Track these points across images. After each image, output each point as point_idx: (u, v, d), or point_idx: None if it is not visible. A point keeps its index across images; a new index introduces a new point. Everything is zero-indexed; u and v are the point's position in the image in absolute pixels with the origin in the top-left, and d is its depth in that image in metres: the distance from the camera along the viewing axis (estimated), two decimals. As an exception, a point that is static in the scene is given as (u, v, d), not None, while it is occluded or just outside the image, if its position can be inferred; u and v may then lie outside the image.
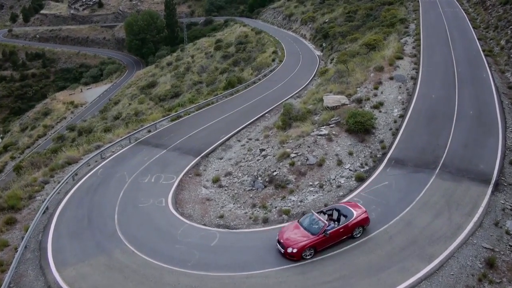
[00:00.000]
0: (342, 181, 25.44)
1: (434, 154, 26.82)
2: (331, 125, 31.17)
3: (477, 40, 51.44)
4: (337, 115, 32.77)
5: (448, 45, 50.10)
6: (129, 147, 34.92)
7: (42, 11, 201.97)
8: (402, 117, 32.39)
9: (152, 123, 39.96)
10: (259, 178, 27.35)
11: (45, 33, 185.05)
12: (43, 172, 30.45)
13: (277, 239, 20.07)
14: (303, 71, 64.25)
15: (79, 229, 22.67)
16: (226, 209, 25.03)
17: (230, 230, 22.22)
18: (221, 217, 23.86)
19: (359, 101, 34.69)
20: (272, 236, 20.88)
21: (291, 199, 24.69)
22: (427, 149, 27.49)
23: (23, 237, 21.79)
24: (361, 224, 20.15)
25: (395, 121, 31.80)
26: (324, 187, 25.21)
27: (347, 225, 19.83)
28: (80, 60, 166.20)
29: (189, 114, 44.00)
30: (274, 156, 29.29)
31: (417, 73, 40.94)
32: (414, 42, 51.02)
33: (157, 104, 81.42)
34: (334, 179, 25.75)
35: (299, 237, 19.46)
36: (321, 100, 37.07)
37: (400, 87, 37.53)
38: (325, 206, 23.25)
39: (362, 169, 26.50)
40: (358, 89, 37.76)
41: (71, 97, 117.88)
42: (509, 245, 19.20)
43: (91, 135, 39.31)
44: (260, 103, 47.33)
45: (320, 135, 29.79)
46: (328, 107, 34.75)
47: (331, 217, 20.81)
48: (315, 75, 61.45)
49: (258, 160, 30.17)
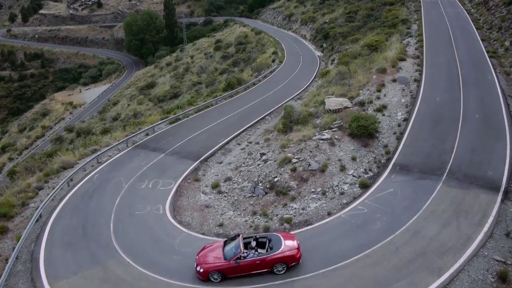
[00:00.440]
0: (345, 188, 24.62)
1: (440, 159, 25.99)
2: (334, 129, 30.35)
3: (480, 41, 50.63)
4: (339, 118, 31.96)
5: (451, 46, 49.30)
6: (126, 151, 34.09)
7: (41, 11, 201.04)
8: (406, 120, 31.56)
9: (150, 126, 39.13)
10: (260, 184, 26.53)
11: (44, 33, 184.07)
12: (37, 177, 29.59)
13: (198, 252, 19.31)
14: (303, 72, 63.45)
15: (73, 239, 21.83)
16: (225, 217, 24.22)
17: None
18: (221, 225, 23.04)
19: (362, 104, 33.88)
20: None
21: (292, 207, 23.87)
22: (432, 154, 26.66)
23: (14, 248, 20.95)
24: (284, 261, 18.05)
25: (399, 125, 30.97)
26: (327, 194, 24.39)
27: (265, 258, 18.11)
28: (79, 60, 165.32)
29: (188, 116, 43.17)
30: (275, 161, 28.47)
31: (421, 75, 40.13)
32: (416, 43, 50.23)
33: (156, 105, 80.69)
34: (337, 185, 24.94)
35: (212, 258, 18.56)
36: (323, 103, 36.25)
37: (403, 90, 36.72)
38: (329, 214, 22.47)
39: (366, 175, 25.68)
40: (360, 91, 36.93)
41: (69, 98, 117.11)
42: (522, 257, 18.42)
43: (87, 139, 38.42)
44: (260, 105, 46.52)
45: (322, 139, 28.97)
46: (330, 110, 33.93)
47: (259, 245, 18.95)
48: (315, 76, 60.67)
49: (258, 165, 29.36)
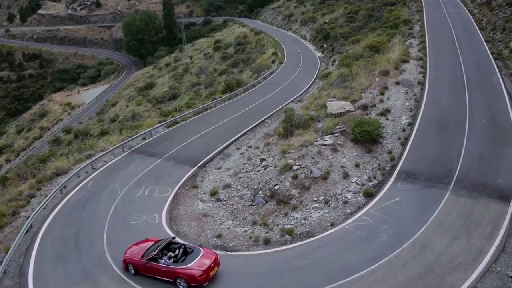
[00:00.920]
0: (349, 197, 23.66)
1: (447, 166, 25.02)
2: (336, 134, 29.38)
3: (484, 42, 49.68)
4: (341, 122, 30.98)
5: (454, 47, 48.35)
6: (122, 156, 33.12)
7: (39, 11, 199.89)
8: (410, 125, 30.59)
9: (147, 130, 38.16)
10: (260, 192, 25.57)
11: (43, 33, 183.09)
12: (29, 184, 28.55)
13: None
14: (303, 73, 62.56)
15: (65, 251, 20.82)
16: (224, 227, 23.26)
17: (228, 252, 20.38)
18: (219, 236, 22.05)
19: (365, 107, 32.91)
20: (275, 261, 19.12)
21: (294, 216, 22.91)
22: (439, 161, 25.69)
23: (2, 261, 19.96)
24: (185, 277, 17.37)
25: (404, 130, 30.02)
26: (329, 203, 23.44)
27: (170, 269, 17.83)
28: (77, 60, 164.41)
29: (186, 119, 42.22)
30: (275, 167, 27.50)
31: (424, 77, 39.17)
32: (419, 44, 49.27)
33: (154, 106, 79.93)
34: (340, 194, 23.98)
35: (137, 251, 19.12)
36: (324, 106, 35.29)
37: (407, 93, 35.76)
38: (332, 225, 21.51)
39: (370, 183, 24.71)
40: (363, 94, 35.97)
41: (68, 98, 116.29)
42: (536, 273, 17.44)
43: (82, 143, 37.41)
44: (260, 107, 45.60)
45: (324, 145, 28.00)
46: (332, 114, 32.97)
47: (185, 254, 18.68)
48: (316, 77, 59.80)
49: (258, 171, 28.40)
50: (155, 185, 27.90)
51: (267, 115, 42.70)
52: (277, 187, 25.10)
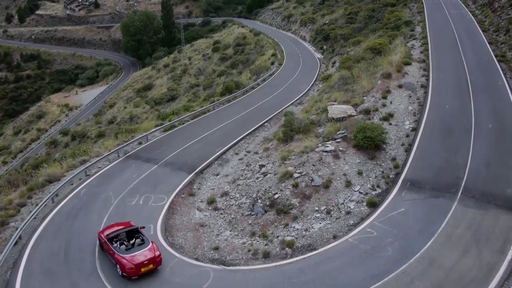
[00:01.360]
0: (351, 206, 22.70)
1: (453, 174, 24.06)
2: (338, 140, 28.42)
3: (487, 44, 48.77)
4: (343, 127, 30.02)
5: (457, 49, 47.45)
6: (117, 162, 32.12)
7: (37, 12, 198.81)
8: (414, 130, 29.64)
9: (143, 134, 37.18)
10: (259, 200, 24.61)
11: (41, 34, 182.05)
12: (20, 192, 27.50)
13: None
14: (303, 75, 61.65)
15: (54, 265, 19.79)
16: (222, 238, 22.30)
17: (226, 267, 19.41)
18: (216, 249, 21.10)
19: (367, 112, 31.96)
20: (274, 277, 18.15)
21: (294, 227, 21.96)
22: (445, 169, 24.73)
23: (-12, 277, 19.03)
24: (120, 267, 18.71)
25: (408, 135, 29.07)
26: (331, 213, 22.47)
27: (114, 253, 19.15)
28: (76, 61, 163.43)
29: (183, 123, 41.24)
30: (275, 174, 26.54)
31: (427, 80, 38.25)
32: (421, 46, 48.35)
33: (152, 107, 79.07)
34: (342, 203, 23.02)
35: (110, 230, 20.82)
36: (325, 110, 34.34)
37: (410, 96, 34.84)
38: (334, 237, 20.55)
39: (373, 192, 23.74)
40: (364, 98, 35.04)
41: (66, 100, 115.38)
42: (551, 291, 16.51)
43: (76, 148, 36.43)
44: (259, 110, 44.65)
45: (325, 151, 27.04)
46: (333, 119, 32.01)
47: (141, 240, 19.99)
48: (316, 79, 58.89)
49: (257, 178, 27.44)
50: (151, 193, 26.93)
51: (267, 119, 41.77)
52: (277, 196, 24.14)
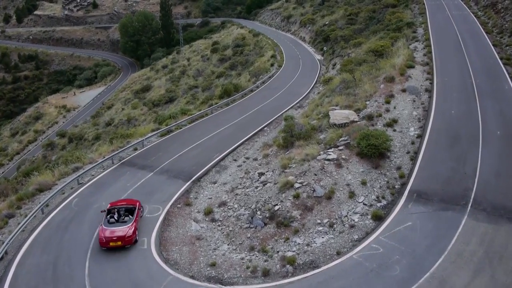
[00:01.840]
0: (355, 219, 21.59)
1: (462, 185, 22.96)
2: (340, 148, 27.31)
3: (492, 46, 47.70)
4: (345, 134, 28.92)
5: (461, 51, 46.38)
6: (111, 169, 30.98)
7: (35, 12, 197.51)
8: (420, 137, 28.51)
9: (139, 140, 36.05)
10: (258, 212, 23.50)
11: (39, 34, 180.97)
12: (8, 203, 26.27)
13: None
14: (303, 77, 60.63)
15: (41, 283, 18.64)
16: (219, 253, 21.19)
17: (223, 286, 18.31)
18: (213, 265, 19.98)
19: (370, 117, 30.85)
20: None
21: (296, 242, 20.85)
22: (453, 179, 23.63)
23: (-30, 297, 17.92)
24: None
25: (413, 143, 27.94)
26: (335, 226, 21.36)
27: (101, 224, 21.83)
28: (74, 62, 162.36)
29: (180, 128, 40.12)
30: (275, 184, 25.43)
31: (432, 84, 37.17)
32: (424, 48, 47.27)
33: (150, 109, 78.21)
34: (346, 216, 21.91)
35: (118, 203, 23.53)
36: (327, 115, 33.23)
37: (414, 101, 33.76)
38: (338, 254, 19.45)
39: (378, 204, 22.63)
40: (367, 102, 33.95)
41: (63, 101, 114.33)
42: None
43: (69, 154, 35.27)
44: (258, 114, 43.59)
45: (328, 159, 25.93)
46: (335, 125, 30.90)
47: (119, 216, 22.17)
48: (316, 81, 57.86)
49: (256, 187, 26.33)
50: (145, 202, 25.71)
51: (266, 123, 40.74)
52: (277, 208, 23.03)
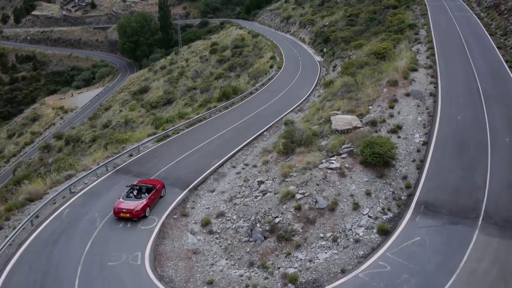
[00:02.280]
0: (360, 233, 20.51)
1: (472, 197, 21.90)
2: (343, 155, 26.23)
3: (496, 49, 46.65)
4: (348, 141, 27.83)
5: (465, 54, 45.33)
6: (105, 176, 29.84)
7: (33, 12, 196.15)
8: (425, 144, 27.43)
9: (135, 146, 34.90)
10: (258, 224, 22.42)
11: (36, 35, 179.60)
12: (-3, 213, 25.29)
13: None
14: (303, 79, 59.59)
15: (27, 304, 17.65)
16: (216, 269, 20.10)
17: (220, 307, 17.27)
18: (210, 283, 18.89)
19: (373, 123, 29.77)
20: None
21: (297, 257, 19.77)
22: (462, 190, 22.56)
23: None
24: None
25: (418, 150, 26.85)
26: (338, 240, 20.27)
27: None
28: (72, 62, 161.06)
29: (178, 132, 39.02)
30: (275, 194, 24.35)
31: (436, 88, 36.13)
32: (427, 50, 46.23)
33: (148, 111, 77.22)
34: (350, 229, 20.82)
35: (144, 182, 27.16)
36: (328, 120, 32.12)
37: (418, 106, 32.71)
38: (343, 272, 18.37)
39: (384, 217, 21.54)
40: (370, 107, 32.89)
41: (61, 102, 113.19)
42: None
43: (62, 161, 34.14)
44: (257, 118, 42.51)
45: (330, 168, 24.83)
46: (337, 131, 29.82)
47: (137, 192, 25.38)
48: (316, 84, 56.83)
49: (256, 197, 25.24)
50: (140, 213, 24.68)
51: (266, 127, 39.68)
52: (277, 220, 21.94)
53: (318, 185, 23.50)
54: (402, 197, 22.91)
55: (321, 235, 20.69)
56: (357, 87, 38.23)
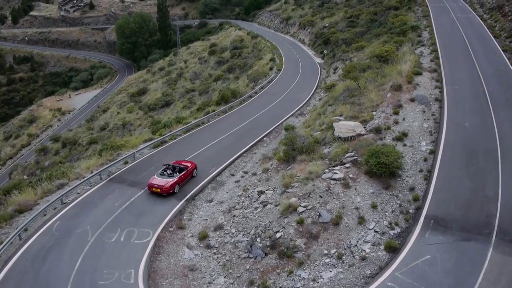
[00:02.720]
0: (367, 250, 19.36)
1: (483, 211, 20.75)
2: (347, 165, 25.09)
3: (501, 51, 45.53)
4: (352, 149, 26.70)
5: (470, 57, 44.21)
6: (99, 186, 28.62)
7: (31, 13, 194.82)
8: (433, 153, 26.28)
9: (130, 152, 33.73)
10: (258, 239, 21.28)
11: (34, 36, 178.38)
12: (-16, 226, 24.11)
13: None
14: (304, 81, 58.51)
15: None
16: (214, 288, 18.99)
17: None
18: (207, 304, 17.80)
19: (378, 130, 28.63)
20: None
21: (300, 276, 18.62)
22: (473, 203, 21.42)
23: None
24: None
25: (425, 159, 25.70)
26: (343, 258, 19.13)
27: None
28: (69, 63, 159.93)
29: (175, 138, 37.85)
30: (276, 206, 23.23)
31: (441, 93, 34.99)
32: (431, 53, 45.09)
33: (146, 114, 76.30)
34: (356, 245, 19.67)
35: (180, 163, 30.04)
36: (331, 127, 30.98)
37: (424, 112, 31.58)
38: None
39: (392, 232, 20.37)
40: (374, 113, 31.76)
41: (58, 104, 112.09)
42: None
43: (54, 170, 32.94)
44: (257, 123, 41.38)
45: (334, 179, 23.69)
46: (340, 138, 28.67)
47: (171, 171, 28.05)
48: (317, 86, 55.75)
49: (256, 208, 24.12)
50: (134, 226, 23.56)
51: (265, 132, 38.58)
52: (278, 235, 20.80)
53: (321, 197, 22.36)
54: (410, 211, 21.75)
55: (325, 251, 19.55)
56: (360, 92, 37.12)
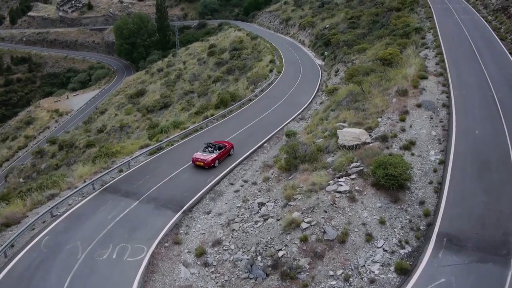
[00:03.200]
0: (375, 271, 18.01)
1: (499, 227, 19.42)
2: (352, 176, 23.76)
3: (508, 54, 44.26)
4: (357, 158, 25.37)
5: (476, 60, 42.91)
6: (91, 196, 27.22)
7: (29, 13, 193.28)
8: (443, 163, 24.97)
9: (125, 160, 32.33)
10: (259, 258, 19.95)
11: (32, 36, 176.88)
12: (-33, 243, 22.71)
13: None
14: (304, 84, 57.24)
15: None
16: (212, 312, 17.66)
17: None
18: (204, 332, 16.47)
19: (384, 138, 27.30)
20: None
21: (304, 300, 17.33)
22: (488, 219, 20.08)
23: None
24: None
25: (435, 170, 24.36)
26: (351, 280, 17.79)
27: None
28: (68, 64, 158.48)
29: (172, 144, 36.50)
30: (278, 220, 21.90)
31: (449, 98, 33.71)
32: (436, 56, 43.80)
33: (144, 116, 75.13)
34: (363, 266, 18.34)
35: (218, 142, 33.75)
36: (334, 134, 29.65)
37: (431, 118, 30.27)
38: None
39: (402, 251, 19.04)
40: (379, 120, 30.45)
41: (56, 105, 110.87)
42: None
43: (45, 178, 31.62)
44: (257, 128, 40.08)
45: (339, 192, 22.36)
46: (344, 146, 27.34)
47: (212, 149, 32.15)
48: (318, 89, 54.44)
49: (256, 222, 22.81)
50: (127, 241, 22.21)
51: (266, 138, 37.27)
52: (281, 254, 19.47)
53: (326, 212, 21.01)
54: (420, 227, 20.39)
55: (331, 272, 18.20)
56: (364, 96, 35.83)
